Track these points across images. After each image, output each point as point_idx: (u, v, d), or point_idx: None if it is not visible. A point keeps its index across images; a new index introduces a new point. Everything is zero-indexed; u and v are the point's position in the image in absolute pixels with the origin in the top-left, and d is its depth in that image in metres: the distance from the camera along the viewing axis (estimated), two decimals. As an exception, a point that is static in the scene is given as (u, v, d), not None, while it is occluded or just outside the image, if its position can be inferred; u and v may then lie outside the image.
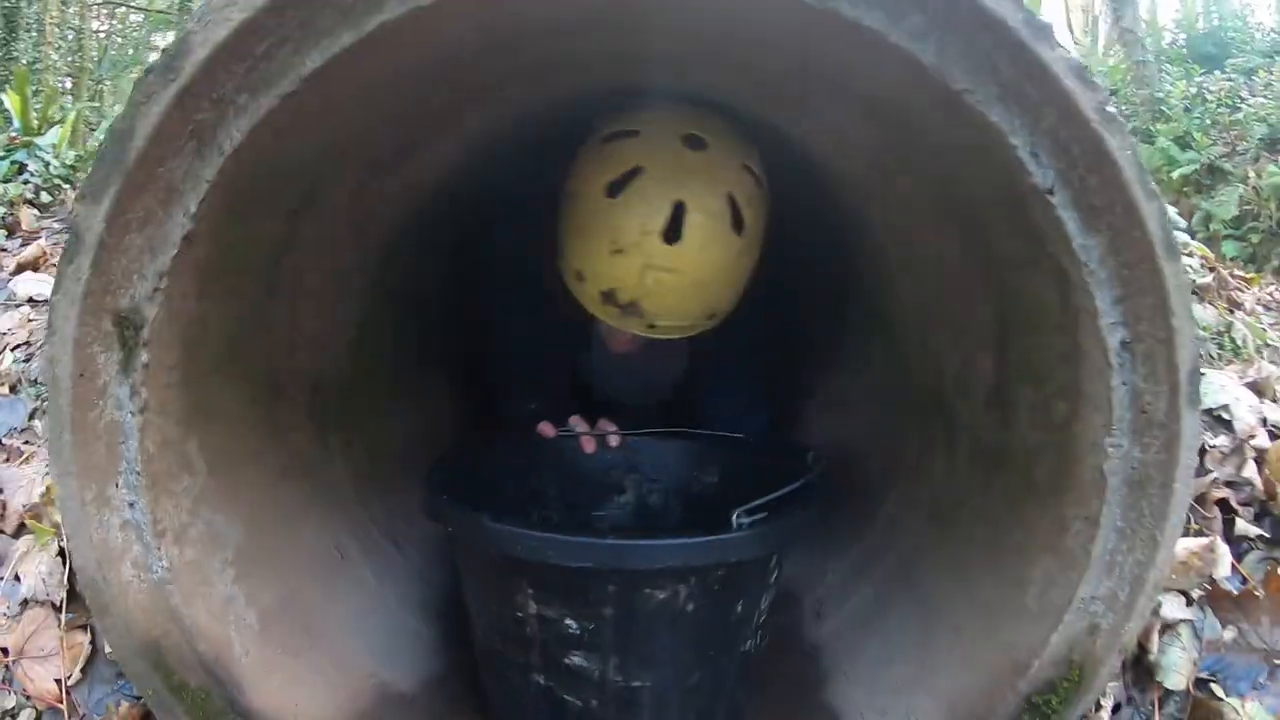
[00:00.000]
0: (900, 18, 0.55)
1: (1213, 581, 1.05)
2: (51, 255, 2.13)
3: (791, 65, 0.72)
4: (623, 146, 0.99)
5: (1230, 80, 5.98)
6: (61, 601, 0.98)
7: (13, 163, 2.49)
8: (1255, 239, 5.30)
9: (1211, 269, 2.15)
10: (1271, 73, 5.98)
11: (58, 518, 1.09)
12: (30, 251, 2.04)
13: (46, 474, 1.20)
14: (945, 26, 0.55)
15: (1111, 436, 0.70)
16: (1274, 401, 1.56)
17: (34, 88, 3.14)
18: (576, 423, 1.20)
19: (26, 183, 2.44)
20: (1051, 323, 0.70)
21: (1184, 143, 5.51)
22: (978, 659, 0.81)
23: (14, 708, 0.95)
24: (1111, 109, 0.58)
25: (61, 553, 1.02)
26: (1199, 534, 1.09)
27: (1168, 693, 0.95)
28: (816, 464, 0.92)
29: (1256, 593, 1.03)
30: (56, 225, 2.44)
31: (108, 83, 5.78)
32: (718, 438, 1.16)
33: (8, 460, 1.27)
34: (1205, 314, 1.74)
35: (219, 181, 0.64)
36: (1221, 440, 1.32)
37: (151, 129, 0.60)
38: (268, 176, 0.69)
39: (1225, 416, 1.43)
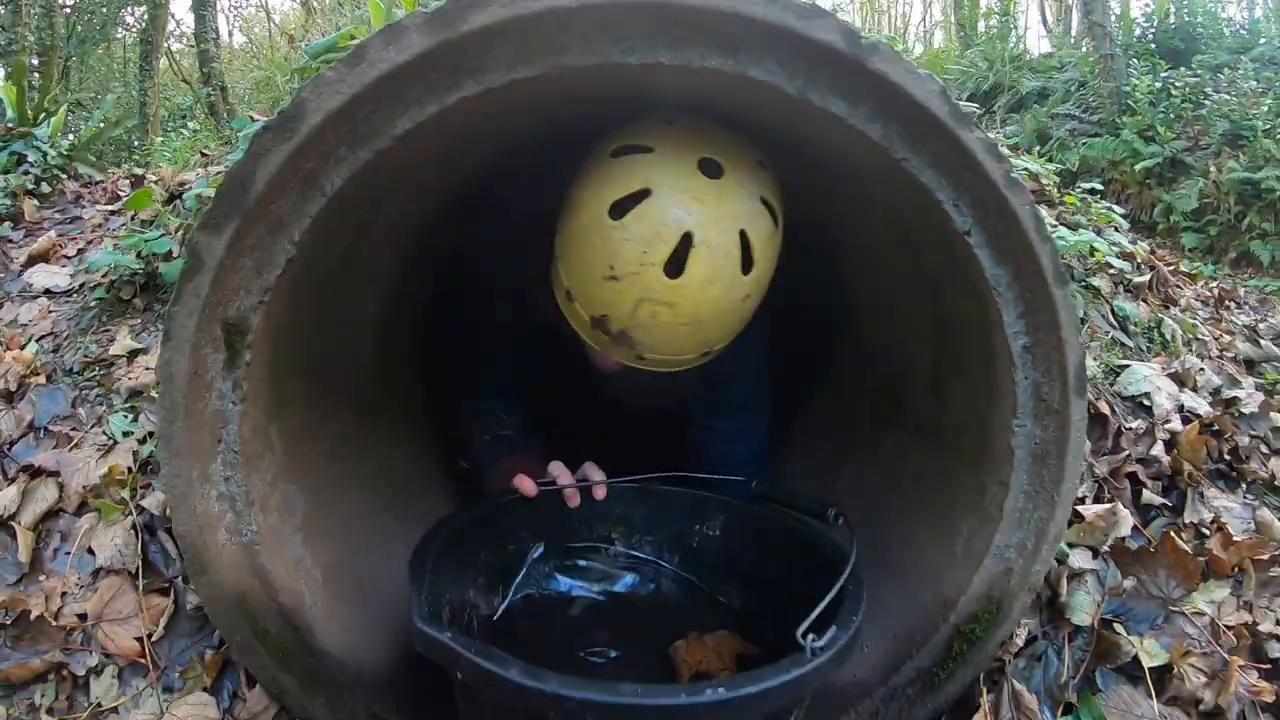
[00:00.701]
0: (856, 105, 0.76)
1: (1120, 540, 1.30)
2: (61, 247, 2.24)
3: (779, 131, 0.93)
4: (633, 163, 0.94)
5: (1196, 76, 6.32)
6: (137, 569, 1.15)
7: (11, 154, 2.58)
8: (1214, 231, 5.68)
9: (1152, 267, 2.42)
10: (1237, 69, 6.32)
11: (124, 495, 1.27)
12: (41, 244, 2.15)
13: (103, 457, 1.37)
14: (889, 114, 0.76)
15: (1018, 419, 0.92)
16: (1193, 390, 1.82)
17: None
18: (558, 469, 1.15)
19: (26, 173, 2.54)
20: (973, 330, 0.93)
21: (1148, 136, 5.84)
22: (918, 598, 1.04)
23: (96, 665, 1.12)
24: (1015, 175, 0.80)
25: (134, 527, 1.19)
26: (1110, 501, 1.34)
27: (1076, 629, 1.19)
28: (840, 524, 0.91)
29: (1154, 551, 1.28)
30: (58, 215, 2.55)
31: (75, 59, 5.75)
32: (715, 482, 1.10)
33: (57, 445, 1.43)
34: (1138, 310, 1.99)
35: (318, 214, 0.82)
36: (1139, 423, 1.57)
37: (269, 176, 0.78)
38: (350, 204, 0.87)
39: (1146, 403, 1.68)
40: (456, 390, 1.41)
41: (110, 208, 2.58)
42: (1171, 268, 3.17)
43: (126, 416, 1.46)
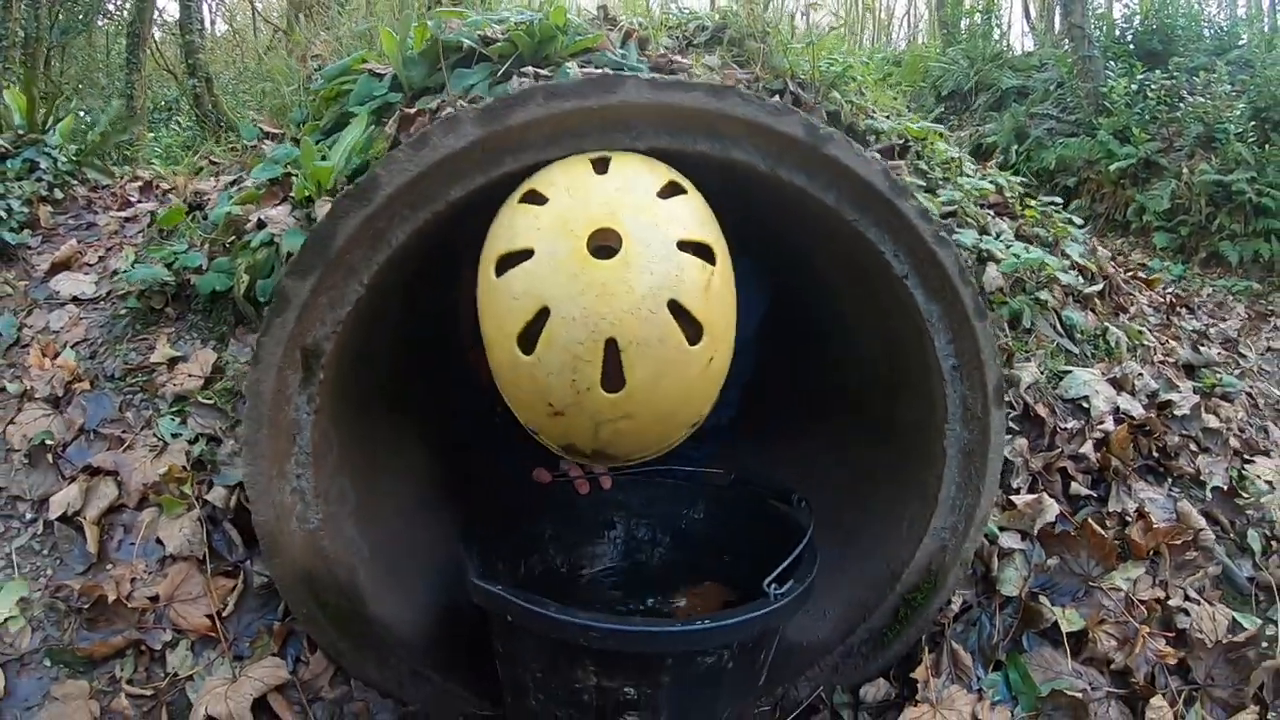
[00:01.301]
0: (814, 179, 1.00)
1: (1049, 525, 1.56)
2: (82, 254, 2.42)
3: (760, 185, 1.16)
4: (519, 277, 0.86)
5: (1172, 79, 6.62)
6: (204, 555, 1.37)
7: (24, 161, 2.73)
8: (1185, 231, 6.00)
9: (1106, 277, 2.69)
10: (1213, 72, 6.61)
11: (185, 490, 1.48)
12: (64, 251, 2.33)
13: (157, 457, 1.58)
14: (840, 186, 1.00)
15: (949, 424, 1.17)
16: (1130, 394, 2.09)
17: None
18: (570, 465, 1.26)
19: (39, 180, 2.69)
20: (915, 351, 1.17)
21: (1123, 137, 6.15)
22: (872, 571, 1.29)
23: (171, 640, 1.34)
24: (942, 234, 1.04)
25: (199, 518, 1.41)
26: (1040, 492, 1.60)
27: (1006, 599, 1.45)
28: (801, 507, 1.15)
29: (1076, 535, 1.54)
30: (72, 221, 2.72)
31: (57, 48, 5.84)
32: (700, 474, 1.32)
33: (110, 447, 1.64)
34: (1085, 320, 2.26)
35: (383, 262, 1.05)
36: (1073, 424, 1.84)
37: (347, 235, 1.00)
38: (408, 253, 1.10)
39: (1085, 405, 1.95)
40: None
41: (123, 214, 2.75)
42: (1131, 274, 3.47)
43: (174, 420, 1.66)
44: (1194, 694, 1.51)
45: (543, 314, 0.84)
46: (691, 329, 0.86)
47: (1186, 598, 1.64)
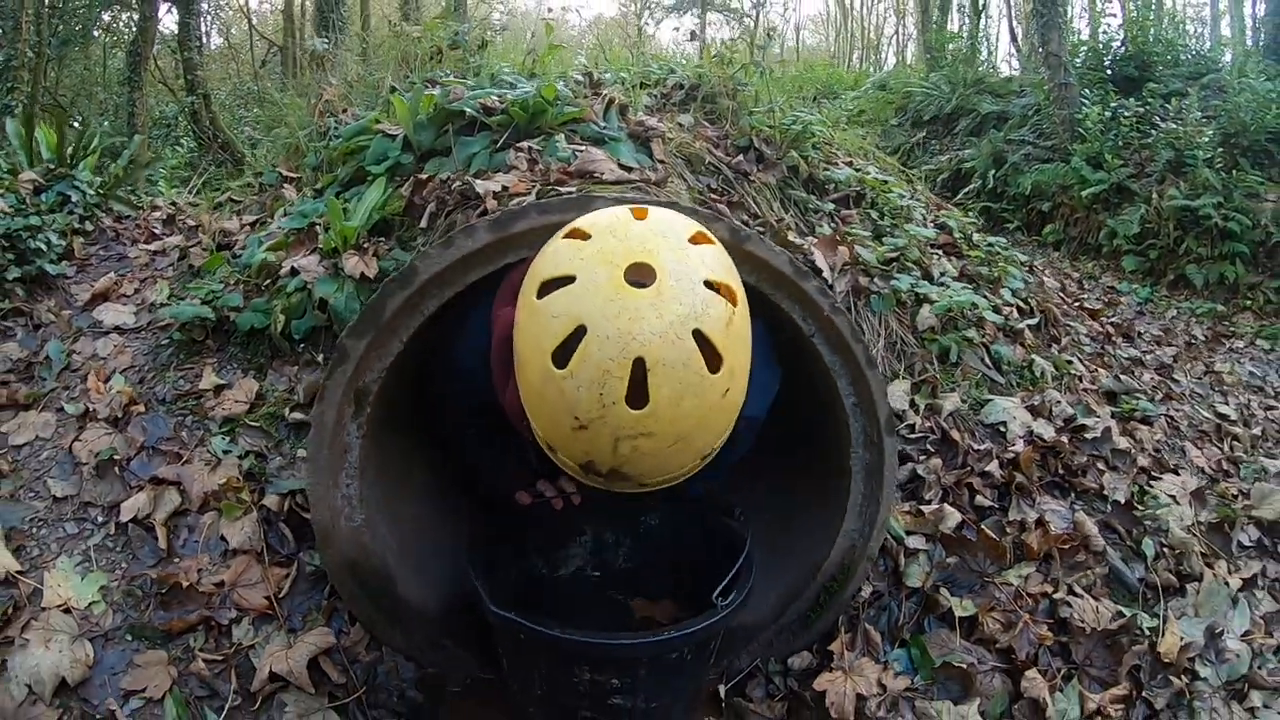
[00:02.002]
0: (741, 266, 1.40)
1: (952, 529, 1.96)
2: (119, 286, 2.80)
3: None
4: (560, 300, 0.98)
5: (1145, 105, 7.09)
6: (262, 550, 1.76)
7: (57, 194, 3.10)
8: (1153, 255, 6.45)
9: (1043, 311, 3.10)
10: (1185, 98, 7.07)
11: (243, 497, 1.87)
12: (102, 283, 2.71)
13: (212, 471, 1.96)
14: (760, 271, 1.40)
15: (854, 449, 1.58)
16: (1047, 418, 2.50)
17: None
18: (544, 486, 1.59)
19: (71, 213, 3.06)
20: (829, 389, 1.58)
21: (1096, 163, 6.61)
22: (800, 565, 1.69)
23: (235, 617, 1.72)
24: (837, 304, 1.44)
25: (258, 520, 1.79)
26: (945, 503, 2.00)
27: (912, 590, 1.85)
28: (741, 519, 1.56)
29: (973, 539, 1.94)
30: (103, 253, 3.10)
31: (54, 61, 6.22)
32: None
33: (169, 462, 2.02)
34: (1013, 352, 2.67)
35: (418, 326, 1.45)
36: (985, 446, 2.24)
37: (393, 310, 1.40)
38: (434, 318, 1.50)
39: (1002, 430, 2.36)
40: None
41: (151, 248, 3.13)
42: (1078, 303, 3.89)
43: (225, 439, 2.05)
44: (1072, 672, 1.90)
45: (579, 332, 0.95)
46: (713, 359, 0.97)
47: (1072, 592, 2.04)
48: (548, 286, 1.00)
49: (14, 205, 2.85)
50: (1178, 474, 2.62)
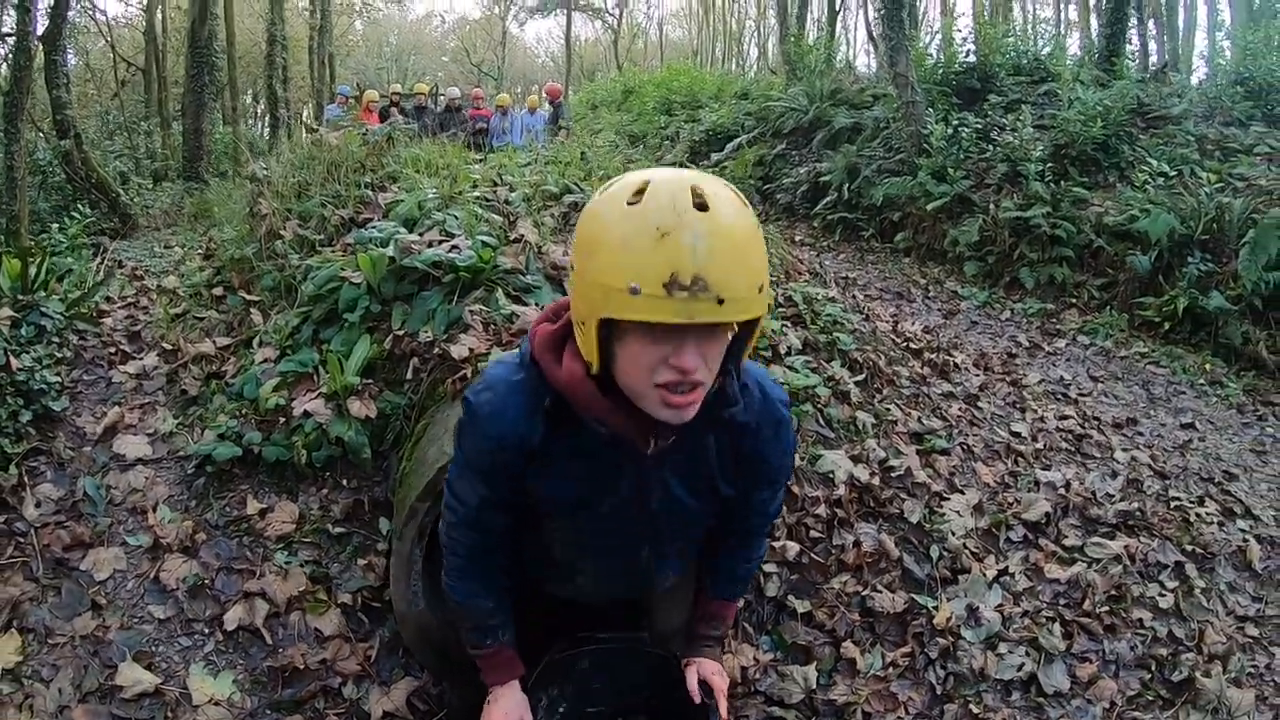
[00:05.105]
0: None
1: (794, 556, 3.48)
2: (123, 418, 3.85)
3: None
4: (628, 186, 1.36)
5: (986, 117, 9.01)
6: (348, 632, 3.03)
7: (31, 326, 4.02)
8: (991, 260, 8.43)
9: (870, 366, 4.71)
10: (1020, 111, 8.99)
11: (320, 596, 3.12)
12: (110, 417, 3.78)
13: (284, 580, 3.18)
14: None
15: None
16: (865, 463, 4.09)
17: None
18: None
19: (49, 343, 4.02)
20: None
21: (940, 176, 8.49)
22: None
23: (342, 681, 2.99)
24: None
25: (340, 612, 3.06)
26: (787, 539, 3.53)
27: (770, 597, 3.39)
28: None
29: (806, 561, 3.49)
30: (86, 377, 4.10)
31: None
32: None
33: (246, 579, 3.22)
34: (841, 412, 4.24)
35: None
36: (817, 492, 3.79)
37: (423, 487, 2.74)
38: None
39: (830, 476, 3.91)
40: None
41: (130, 369, 4.18)
42: (905, 342, 5.55)
43: (285, 553, 3.27)
44: (875, 642, 3.48)
45: (645, 184, 1.35)
46: (742, 207, 1.36)
47: (875, 590, 3.62)
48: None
49: (5, 345, 3.64)
50: (964, 493, 4.29)
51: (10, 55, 6.76)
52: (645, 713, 2.16)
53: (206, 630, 3.10)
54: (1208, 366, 6.88)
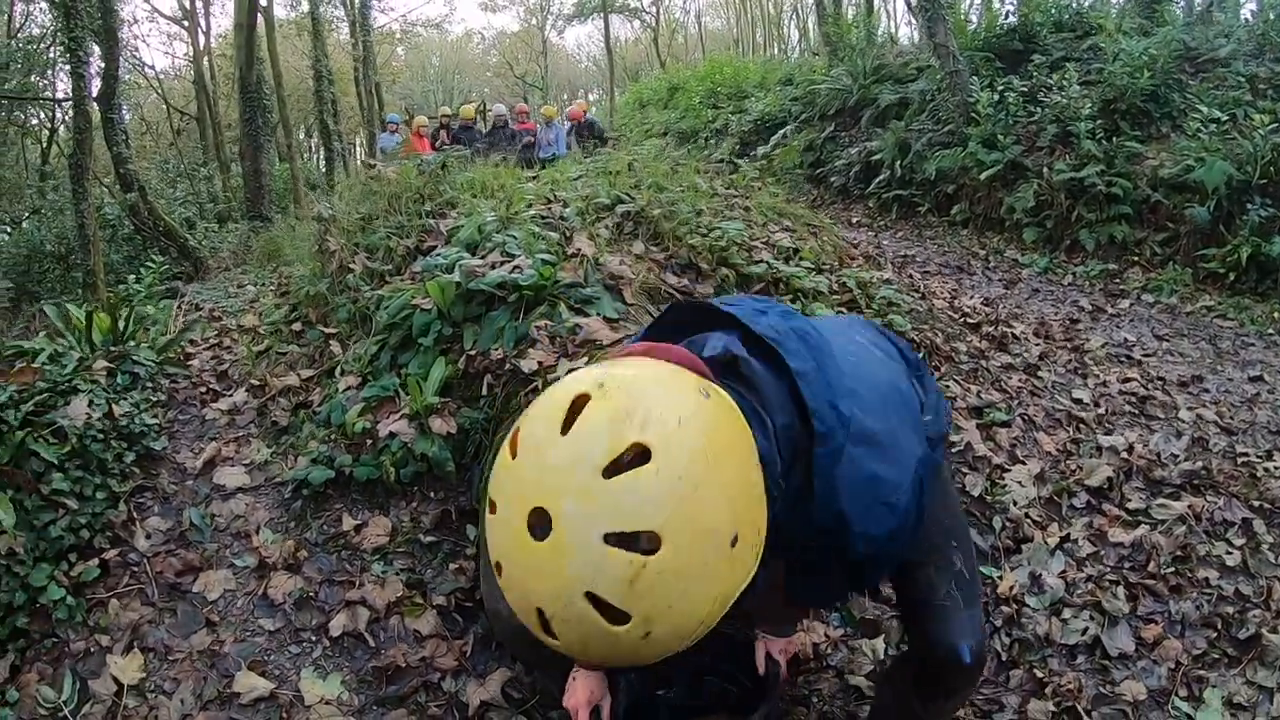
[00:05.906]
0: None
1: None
2: (224, 450, 4.26)
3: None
4: (489, 527, 1.25)
5: (1031, 79, 8.97)
6: (444, 632, 3.35)
7: (126, 374, 4.48)
8: (1050, 224, 8.43)
9: (928, 343, 4.85)
10: (1066, 68, 8.94)
11: (416, 601, 3.44)
12: (208, 452, 4.17)
13: (381, 588, 3.51)
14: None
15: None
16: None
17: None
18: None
19: (144, 389, 4.46)
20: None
21: (991, 143, 8.48)
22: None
23: (441, 676, 3.31)
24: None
25: (436, 615, 3.38)
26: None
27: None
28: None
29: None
30: (181, 417, 4.53)
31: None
32: None
33: (347, 588, 3.56)
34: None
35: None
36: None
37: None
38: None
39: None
40: None
41: (221, 407, 4.59)
42: (963, 318, 5.65)
43: (381, 564, 3.60)
44: (946, 611, 3.65)
45: (499, 567, 1.23)
46: (615, 616, 1.10)
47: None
48: (490, 501, 1.24)
49: (105, 394, 4.14)
50: (1025, 463, 4.42)
51: (68, 119, 7.36)
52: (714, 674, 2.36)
53: (314, 638, 3.44)
54: (1276, 315, 6.77)
